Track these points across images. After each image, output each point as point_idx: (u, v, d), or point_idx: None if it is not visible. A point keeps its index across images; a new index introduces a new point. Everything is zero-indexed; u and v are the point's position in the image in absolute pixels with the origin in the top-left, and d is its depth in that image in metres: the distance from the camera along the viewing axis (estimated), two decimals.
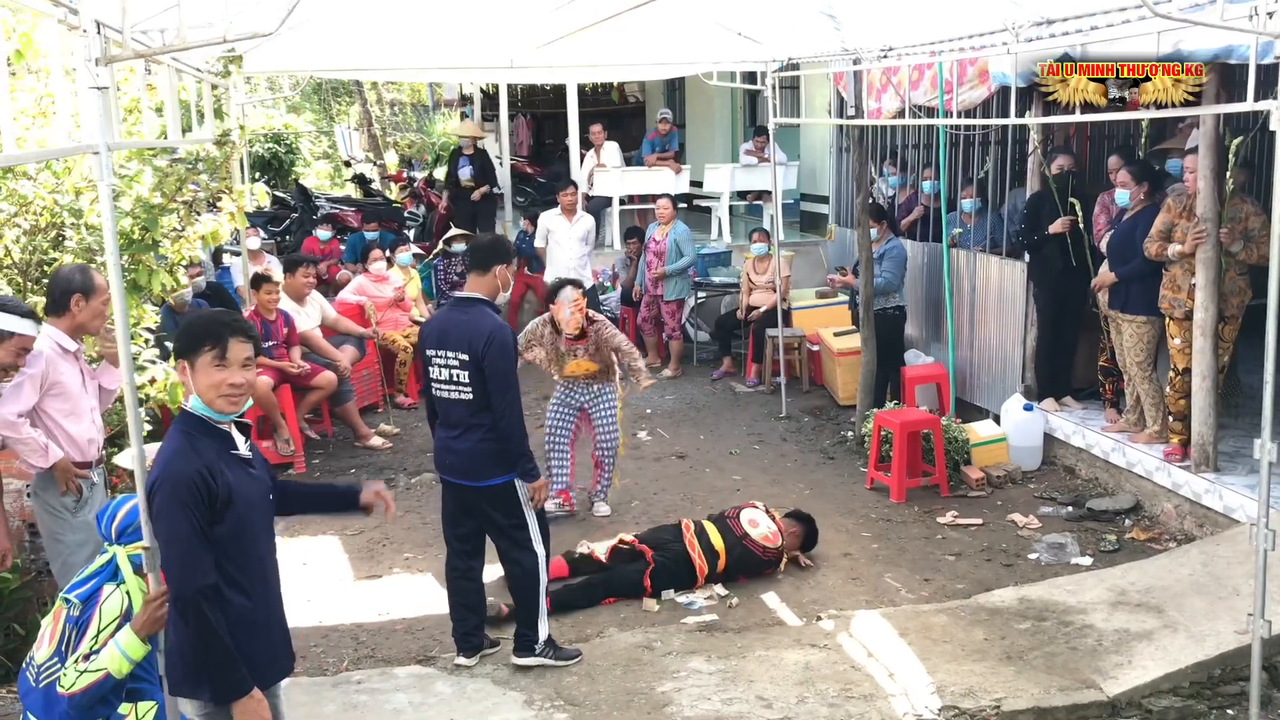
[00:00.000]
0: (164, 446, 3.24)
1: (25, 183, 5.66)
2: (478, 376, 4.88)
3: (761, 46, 8.65)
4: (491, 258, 5.04)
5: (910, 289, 9.42)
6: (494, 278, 5.04)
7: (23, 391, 4.63)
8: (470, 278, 5.11)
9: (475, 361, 4.87)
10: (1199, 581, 5.63)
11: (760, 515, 6.35)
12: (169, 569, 3.18)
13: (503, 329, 4.92)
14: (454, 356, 4.93)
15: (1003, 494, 7.58)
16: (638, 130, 17.49)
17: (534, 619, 5.10)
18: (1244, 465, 6.59)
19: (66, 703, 3.39)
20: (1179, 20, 4.41)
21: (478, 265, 5.06)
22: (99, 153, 3.47)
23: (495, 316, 5.01)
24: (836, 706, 4.67)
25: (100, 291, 4.77)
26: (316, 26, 6.69)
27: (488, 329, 4.88)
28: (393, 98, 32.06)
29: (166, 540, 3.15)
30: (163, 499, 3.14)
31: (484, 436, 4.94)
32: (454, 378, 4.95)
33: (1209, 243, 6.38)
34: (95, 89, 3.49)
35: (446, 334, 4.98)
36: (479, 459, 4.98)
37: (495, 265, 5.03)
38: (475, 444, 4.96)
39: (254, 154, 18.25)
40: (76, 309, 4.76)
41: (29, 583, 5.25)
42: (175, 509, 3.12)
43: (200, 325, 3.27)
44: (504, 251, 5.12)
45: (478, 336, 4.86)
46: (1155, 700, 4.80)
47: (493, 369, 4.85)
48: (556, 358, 7.05)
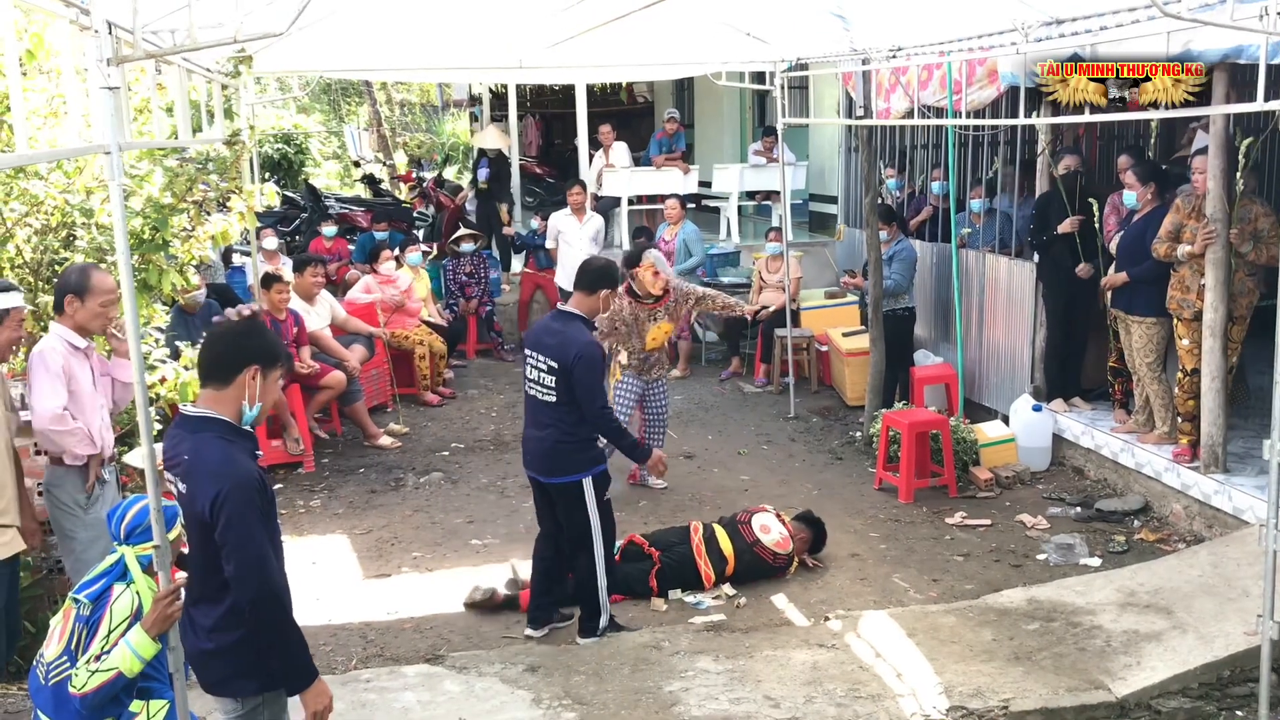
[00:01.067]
0: (209, 455, 3.19)
1: (36, 182, 5.68)
2: (563, 384, 5.26)
3: (770, 46, 8.65)
4: (599, 282, 5.50)
5: (919, 289, 9.41)
6: (597, 299, 5.51)
7: (54, 387, 4.67)
8: (576, 294, 5.55)
9: (564, 370, 5.25)
10: (1208, 582, 5.61)
11: (772, 520, 6.34)
12: (248, 572, 3.14)
13: (592, 345, 5.32)
14: (544, 362, 5.33)
15: (1011, 495, 7.56)
16: (646, 130, 17.46)
17: (595, 610, 5.48)
18: (1253, 466, 6.57)
19: (79, 702, 3.42)
20: (1189, 20, 4.40)
21: (585, 286, 5.50)
22: (110, 152, 3.49)
23: (589, 333, 5.42)
24: (844, 706, 4.67)
25: (97, 292, 4.74)
26: (326, 27, 6.70)
27: (580, 343, 5.28)
28: (402, 98, 32.13)
29: (243, 543, 3.14)
30: (235, 506, 3.13)
31: (560, 437, 5.32)
32: (541, 380, 5.35)
33: (1219, 243, 6.36)
34: (106, 89, 3.51)
35: (541, 340, 5.42)
36: (553, 457, 5.37)
37: (601, 289, 5.49)
38: (552, 443, 5.34)
39: (263, 154, 18.29)
40: (71, 309, 4.76)
41: (40, 580, 5.28)
42: (249, 512, 3.16)
43: (278, 344, 3.47)
44: (611, 278, 5.57)
45: (568, 348, 5.25)
46: (1164, 701, 4.78)
47: (580, 381, 5.24)
48: (638, 330, 7.31)
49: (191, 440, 3.24)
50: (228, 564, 3.15)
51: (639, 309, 7.30)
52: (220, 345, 3.34)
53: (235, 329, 3.41)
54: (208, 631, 3.29)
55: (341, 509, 7.55)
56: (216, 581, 3.22)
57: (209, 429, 3.25)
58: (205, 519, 3.15)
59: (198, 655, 3.37)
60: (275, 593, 3.20)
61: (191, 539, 3.28)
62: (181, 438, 3.28)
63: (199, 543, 3.24)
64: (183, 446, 3.26)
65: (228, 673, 3.31)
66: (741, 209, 13.33)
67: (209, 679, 3.36)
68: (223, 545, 3.14)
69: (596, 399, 5.28)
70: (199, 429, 3.25)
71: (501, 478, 8.10)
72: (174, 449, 3.30)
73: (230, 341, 3.34)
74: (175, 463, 3.28)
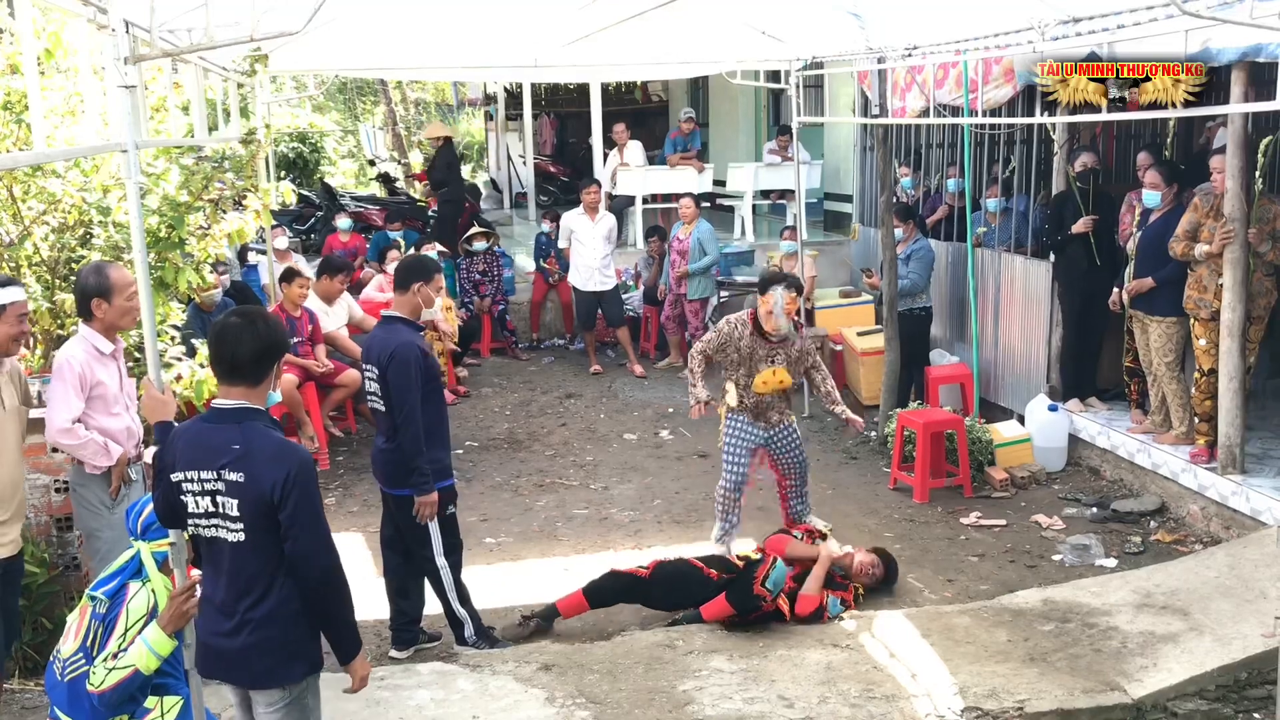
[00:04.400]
0: (266, 442, 3.31)
1: (54, 180, 5.70)
2: (385, 389, 5.08)
3: (785, 45, 8.64)
4: (409, 277, 5.22)
5: (935, 288, 9.38)
6: (413, 295, 5.22)
7: (68, 398, 4.63)
8: (394, 296, 5.33)
9: (383, 375, 5.07)
10: (1225, 584, 5.58)
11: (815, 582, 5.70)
12: (320, 546, 3.31)
13: (408, 346, 5.06)
14: (372, 370, 5.15)
15: (1027, 495, 7.54)
16: (661, 129, 17.45)
17: (457, 622, 5.36)
18: (1271, 467, 6.54)
19: (96, 699, 3.43)
20: (1208, 18, 4.38)
21: (399, 285, 5.27)
22: (127, 151, 3.50)
23: (407, 333, 5.15)
24: (858, 707, 4.66)
25: (120, 289, 4.70)
26: (342, 26, 6.72)
27: (394, 345, 5.05)
28: (417, 97, 32.21)
29: (315, 519, 3.30)
30: (304, 484, 3.27)
31: (395, 446, 5.13)
32: (376, 390, 5.15)
33: (1237, 243, 6.33)
34: (124, 88, 3.52)
35: (368, 350, 5.24)
36: (390, 467, 5.20)
37: (414, 283, 5.20)
38: (388, 453, 5.18)
39: (279, 153, 18.36)
40: (100, 312, 4.70)
41: (56, 577, 5.30)
42: (316, 491, 3.33)
43: (284, 330, 3.57)
44: (422, 270, 5.26)
45: (384, 352, 5.05)
46: (1180, 704, 4.76)
47: (391, 381, 5.03)
48: (749, 365, 6.28)
49: (239, 430, 3.31)
50: (296, 542, 3.26)
51: (757, 343, 6.25)
52: (252, 344, 3.35)
53: (256, 325, 3.38)
54: (257, 625, 3.34)
55: (356, 506, 7.57)
56: (269, 572, 3.32)
57: (253, 419, 3.35)
58: (273, 500, 3.24)
59: (237, 654, 3.38)
60: (341, 567, 3.38)
61: (247, 529, 3.29)
62: (223, 430, 3.33)
63: (257, 533, 3.29)
64: (229, 437, 3.31)
65: (273, 662, 3.37)
66: (756, 208, 13.31)
67: (253, 672, 3.40)
68: (291, 525, 3.25)
69: (407, 401, 5.01)
70: (242, 419, 3.33)
71: (515, 476, 8.11)
72: (214, 441, 3.32)
73: (261, 340, 3.37)
74: (220, 454, 3.29)
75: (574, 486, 7.91)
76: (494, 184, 20.31)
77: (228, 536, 3.32)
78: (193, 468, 3.32)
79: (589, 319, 11.18)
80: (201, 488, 3.31)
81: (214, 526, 3.34)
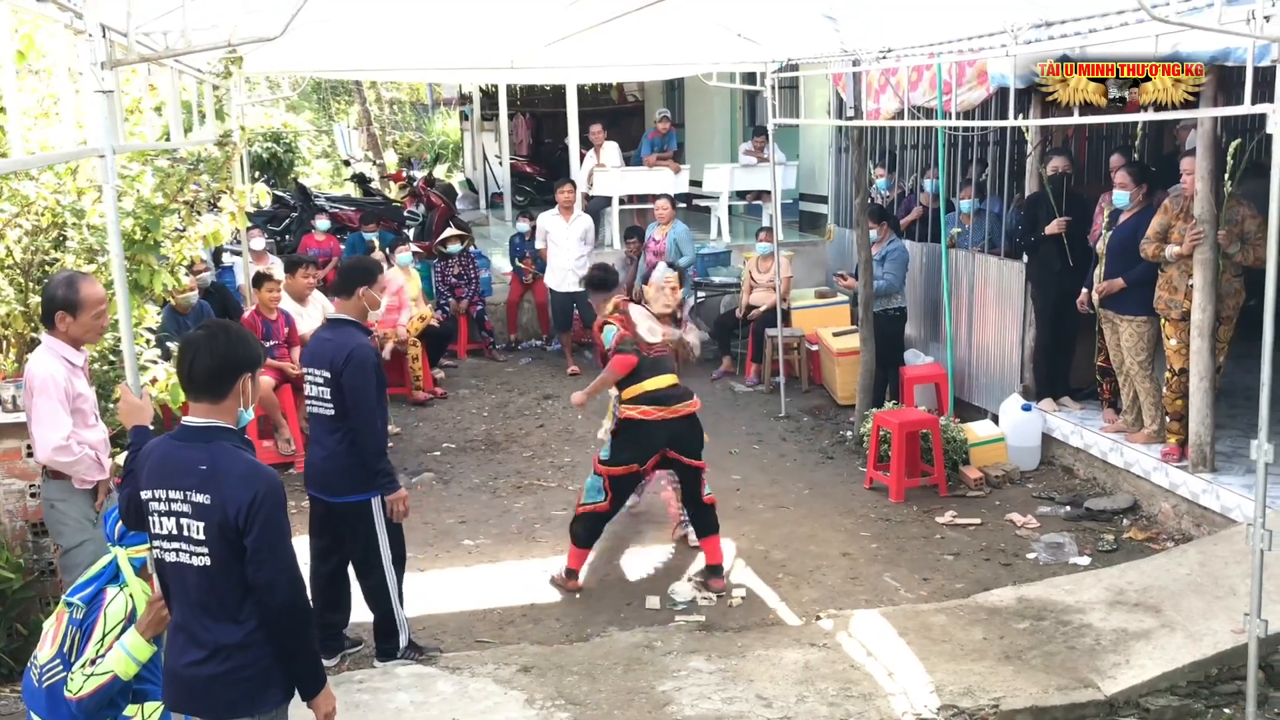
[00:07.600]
0: (234, 463, 3.13)
1: (28, 183, 5.67)
2: (338, 393, 5.01)
3: (761, 47, 8.67)
4: (351, 282, 5.18)
5: (909, 289, 9.45)
6: (359, 299, 5.18)
7: (56, 416, 4.53)
8: (337, 301, 5.29)
9: (335, 377, 5.00)
10: (1196, 581, 5.65)
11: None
12: (285, 580, 3.13)
13: (364, 348, 5.04)
14: (319, 374, 5.07)
15: (1001, 494, 7.60)
16: (637, 129, 17.48)
17: (391, 630, 5.30)
18: (1241, 465, 6.62)
19: (75, 706, 3.41)
20: (1176, 24, 4.42)
21: (341, 290, 5.22)
22: (104, 156, 3.49)
23: (359, 335, 5.12)
24: (836, 705, 4.69)
25: (89, 305, 4.57)
26: (317, 27, 6.69)
27: (350, 347, 5.01)
28: (392, 97, 32.10)
29: (279, 547, 3.13)
30: (270, 509, 3.11)
31: (342, 452, 5.06)
32: (320, 395, 5.09)
33: (1206, 244, 6.41)
34: (101, 93, 3.51)
35: (315, 353, 5.15)
36: (336, 474, 5.12)
37: (358, 287, 5.16)
38: (333, 460, 5.10)
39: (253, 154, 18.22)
40: (63, 325, 4.58)
41: (31, 583, 5.26)
42: (282, 517, 3.14)
43: (257, 344, 3.35)
44: (365, 273, 5.24)
45: (339, 354, 4.99)
46: (1153, 699, 4.82)
47: (352, 385, 4.97)
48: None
49: (206, 450, 3.14)
50: (260, 569, 3.09)
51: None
52: (208, 360, 3.17)
53: (215, 339, 3.21)
54: (230, 652, 3.15)
55: None
56: (238, 597, 3.14)
57: (222, 438, 3.18)
58: (237, 525, 3.07)
59: (206, 683, 3.18)
60: (306, 599, 3.21)
61: (212, 554, 3.12)
62: (190, 449, 3.17)
63: (223, 557, 3.11)
64: (195, 456, 3.15)
65: (250, 690, 3.19)
66: (732, 209, 13.35)
67: (228, 701, 3.19)
68: (256, 550, 3.08)
69: (365, 403, 4.97)
70: (211, 439, 3.17)
71: (493, 478, 8.11)
72: (181, 461, 3.16)
73: (218, 355, 3.18)
74: (187, 474, 3.14)
75: (552, 488, 7.91)
76: (470, 184, 20.26)
77: (192, 561, 3.14)
78: (160, 486, 3.17)
79: (565, 320, 11.18)
80: (168, 508, 3.16)
81: (175, 550, 3.17)
